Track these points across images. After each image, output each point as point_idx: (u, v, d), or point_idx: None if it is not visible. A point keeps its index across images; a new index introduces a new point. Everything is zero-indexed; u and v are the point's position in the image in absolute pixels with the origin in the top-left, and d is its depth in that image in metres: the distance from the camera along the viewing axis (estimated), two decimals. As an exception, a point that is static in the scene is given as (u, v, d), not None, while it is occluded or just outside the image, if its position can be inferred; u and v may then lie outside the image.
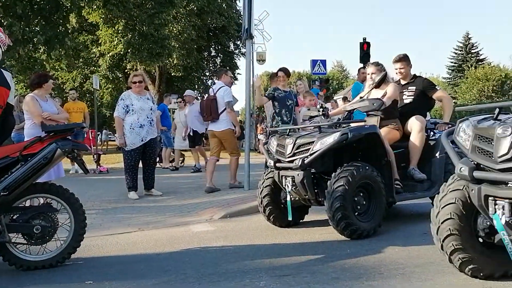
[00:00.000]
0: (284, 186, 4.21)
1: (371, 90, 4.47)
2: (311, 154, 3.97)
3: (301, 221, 4.62)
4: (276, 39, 57.91)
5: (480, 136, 2.37)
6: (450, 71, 34.96)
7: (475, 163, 2.35)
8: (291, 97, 6.55)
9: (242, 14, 7.21)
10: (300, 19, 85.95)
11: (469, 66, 30.32)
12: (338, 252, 3.47)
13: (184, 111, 10.11)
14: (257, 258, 3.41)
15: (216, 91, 6.66)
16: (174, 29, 20.34)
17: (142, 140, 6.26)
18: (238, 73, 27.44)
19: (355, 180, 3.78)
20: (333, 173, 3.85)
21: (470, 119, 2.54)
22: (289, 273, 2.99)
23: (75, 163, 5.11)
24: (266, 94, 6.53)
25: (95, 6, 16.80)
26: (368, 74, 4.69)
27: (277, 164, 4.27)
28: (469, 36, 35.60)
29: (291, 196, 4.18)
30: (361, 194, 3.91)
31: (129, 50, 18.47)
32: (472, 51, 35.20)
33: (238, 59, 27.43)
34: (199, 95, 31.79)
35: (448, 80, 35.77)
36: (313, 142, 4.02)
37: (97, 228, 4.56)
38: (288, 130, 4.50)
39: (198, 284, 2.87)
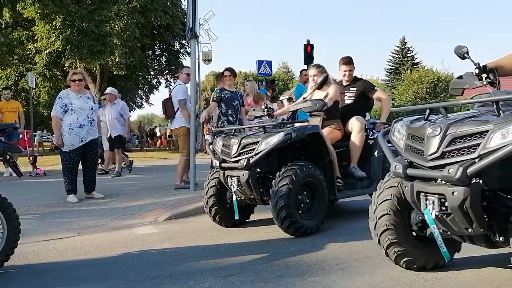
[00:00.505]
0: (229, 186, 4.22)
1: (313, 91, 4.60)
2: (256, 154, 4.02)
3: (246, 220, 4.66)
4: (222, 39, 57.98)
5: (412, 136, 2.50)
6: (388, 73, 36.70)
7: (409, 161, 2.49)
8: (237, 97, 6.57)
9: (186, 12, 7.13)
10: (246, 20, 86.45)
11: (405, 69, 31.99)
12: (282, 250, 3.54)
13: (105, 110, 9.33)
14: (202, 259, 3.40)
15: (172, 90, 6.71)
16: (116, 26, 19.68)
17: (82, 141, 6.02)
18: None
19: (299, 179, 3.87)
20: (278, 173, 3.92)
21: (404, 120, 2.69)
22: (234, 273, 3.00)
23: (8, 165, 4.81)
24: (214, 98, 6.50)
25: (30, 1, 15.90)
26: (310, 76, 4.82)
27: (223, 164, 4.27)
28: (405, 41, 37.55)
29: (237, 196, 4.20)
30: (305, 193, 4.01)
31: (67, 47, 17.65)
32: (408, 55, 37.14)
33: (184, 58, 27.10)
34: (144, 94, 31.12)
35: (386, 82, 37.58)
36: (258, 142, 4.07)
37: (33, 234, 4.33)
38: (234, 130, 4.52)
39: (142, 288, 2.81)
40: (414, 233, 2.76)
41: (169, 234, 4.34)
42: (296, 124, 4.41)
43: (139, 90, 29.82)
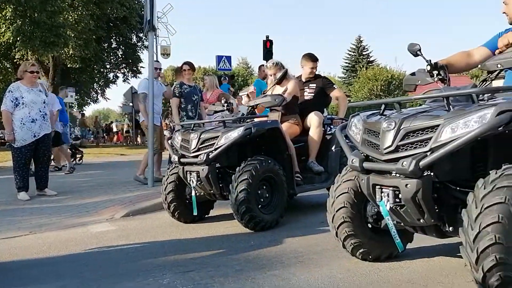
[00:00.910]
0: (189, 181, 4.18)
1: (273, 86, 4.62)
2: (216, 149, 4.00)
3: (206, 216, 4.63)
4: (181, 33, 57.05)
5: (368, 130, 2.57)
6: (345, 71, 37.53)
7: (365, 154, 2.55)
8: (196, 92, 6.50)
9: (144, 5, 6.97)
10: (206, 15, 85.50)
11: (361, 67, 32.82)
12: (242, 245, 3.55)
13: None
14: (160, 256, 3.34)
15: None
16: (70, 17, 18.93)
17: (34, 136, 5.77)
18: (142, 67, 26.49)
19: (258, 173, 3.88)
20: (238, 167, 3.92)
21: (360, 114, 2.75)
22: (193, 268, 2.98)
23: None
24: (176, 93, 6.40)
25: (-25, -11, 15.00)
26: (270, 75, 4.84)
27: (182, 160, 4.22)
28: (361, 39, 38.52)
29: (196, 191, 4.17)
30: (264, 187, 4.03)
31: (18, 38, 16.77)
32: (364, 53, 38.12)
33: (142, 52, 26.47)
34: (99, 89, 30.14)
35: (343, 79, 38.40)
36: (217, 137, 4.05)
37: (-20, 234, 4.11)
38: (193, 125, 4.47)
39: (97, 287, 2.73)
40: (369, 225, 2.84)
41: (126, 231, 4.24)
42: (256, 119, 4.42)
43: (94, 84, 28.86)
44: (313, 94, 5.03)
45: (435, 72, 2.64)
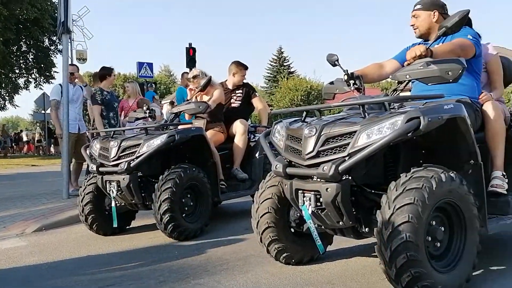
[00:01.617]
0: (108, 191, 3.99)
1: (197, 93, 4.59)
2: (137, 157, 3.87)
3: (127, 227, 4.44)
4: (99, 38, 54.56)
5: (291, 136, 2.65)
6: (267, 80, 38.46)
7: (288, 160, 2.62)
8: (115, 99, 6.26)
9: (57, 6, 6.56)
10: (126, 20, 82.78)
11: (282, 77, 33.87)
12: (166, 255, 3.45)
13: None
14: (77, 271, 3.14)
15: None
16: (-27, 16, 17.32)
17: None
18: (55, 71, 24.88)
19: (182, 181, 3.82)
20: (161, 176, 3.82)
21: (283, 121, 2.83)
22: (113, 282, 2.83)
23: None
24: (99, 101, 6.02)
25: None
26: (190, 87, 4.81)
27: (101, 169, 4.02)
28: (282, 50, 39.76)
29: (116, 202, 4.00)
30: (189, 196, 3.97)
31: None
32: (285, 64, 39.39)
33: (55, 56, 24.87)
34: (7, 95, 27.77)
35: (265, 89, 39.33)
36: (139, 144, 3.92)
37: None
38: (113, 132, 4.29)
39: (5, 308, 2.50)
40: (292, 230, 2.92)
41: (39, 246, 3.93)
42: (180, 126, 4.36)
43: (2, 90, 26.55)
44: (240, 102, 5.07)
45: (351, 82, 2.79)
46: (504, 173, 2.89)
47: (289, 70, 38.85)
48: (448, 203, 2.30)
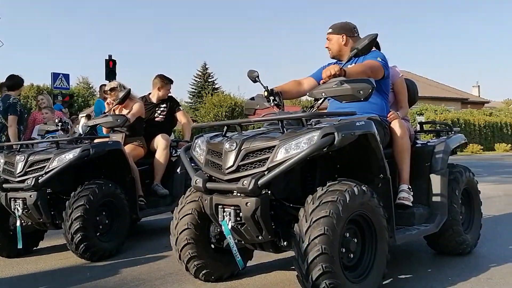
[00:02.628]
0: (13, 209, 3.67)
1: (115, 105, 4.41)
2: (47, 172, 3.61)
3: (35, 248, 4.10)
4: (12, 47, 50.59)
5: (212, 151, 2.63)
6: (191, 96, 38.25)
7: (208, 175, 2.59)
8: (24, 110, 5.80)
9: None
10: (40, 27, 77.69)
11: (207, 93, 33.91)
12: (76, 277, 3.22)
13: None
14: (-28, 299, 2.82)
15: None
16: None
17: None
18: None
19: (97, 198, 3.61)
20: (73, 192, 3.59)
21: (204, 136, 2.80)
22: (15, 310, 2.58)
23: None
24: (18, 111, 5.48)
25: None
26: (108, 100, 4.63)
27: (5, 185, 3.69)
28: (206, 67, 39.90)
29: (22, 221, 3.68)
30: (104, 213, 3.76)
31: None
32: (209, 80, 39.50)
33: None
34: None
35: (190, 104, 39.02)
36: (49, 159, 3.66)
37: None
38: (19, 146, 3.96)
39: None
40: (212, 246, 2.87)
41: None
42: (96, 140, 4.14)
43: None
44: (164, 116, 4.95)
45: (271, 98, 2.85)
46: (410, 186, 3.11)
47: (213, 86, 39.00)
48: (360, 215, 2.41)
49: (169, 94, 5.05)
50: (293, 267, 3.16)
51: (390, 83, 3.34)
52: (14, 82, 5.71)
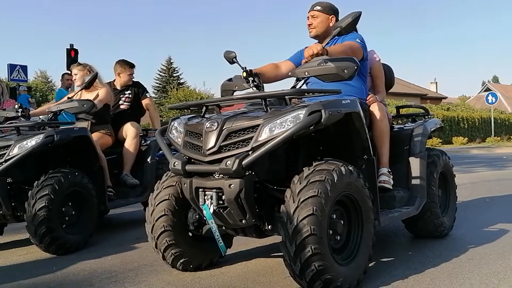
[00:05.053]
0: (-32, 202, 3.37)
1: (80, 91, 4.15)
2: (6, 160, 3.35)
3: (-8, 244, 3.81)
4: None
5: (190, 132, 2.49)
6: (156, 91, 37.37)
7: (187, 157, 2.45)
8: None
9: None
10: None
11: (172, 88, 33.24)
12: (41, 271, 2.98)
13: None
14: None
15: None
16: None
17: None
18: None
19: (63, 188, 3.38)
20: (36, 182, 3.34)
21: (181, 118, 2.66)
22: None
23: None
24: None
25: None
26: (74, 76, 4.38)
27: (-41, 175, 3.39)
28: (171, 61, 39.08)
29: (-22, 214, 3.39)
30: (70, 204, 3.53)
31: None
32: (174, 74, 38.71)
33: None
34: None
35: (155, 99, 38.01)
36: (9, 146, 3.40)
37: None
38: (-25, 133, 3.66)
39: None
40: (190, 233, 2.73)
41: None
42: (61, 127, 3.89)
43: None
44: (129, 104, 4.71)
45: (250, 79, 2.73)
46: (390, 170, 3.08)
47: (178, 81, 38.27)
48: (347, 196, 2.34)
49: (134, 80, 4.81)
50: (274, 254, 3.11)
51: (368, 67, 3.29)
52: None
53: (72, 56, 11.05)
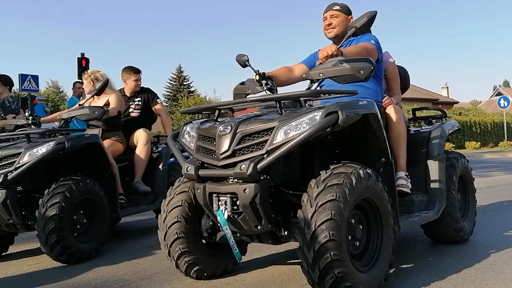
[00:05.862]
0: (-22, 211, 3.34)
1: (91, 97, 4.13)
2: (16, 168, 3.31)
3: (4, 254, 3.77)
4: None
5: (203, 136, 2.43)
6: (166, 99, 37.53)
7: (200, 162, 2.39)
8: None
9: None
10: (8, 28, 74.64)
11: (182, 96, 33.34)
12: (52, 281, 2.93)
13: None
14: None
15: None
16: None
17: None
18: None
19: (74, 196, 3.33)
20: (47, 190, 3.30)
21: (193, 122, 2.60)
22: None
23: None
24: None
25: None
26: (86, 82, 4.37)
27: (-31, 184, 3.36)
28: (181, 69, 39.27)
29: (-11, 223, 3.36)
30: (82, 212, 3.48)
31: None
32: (184, 83, 38.87)
33: None
34: None
35: (165, 107, 38.04)
36: (19, 153, 3.37)
37: None
38: (-15, 141, 3.64)
39: None
40: (204, 240, 2.66)
41: None
42: (72, 134, 3.86)
43: None
44: (139, 111, 4.68)
45: (263, 82, 2.67)
46: (407, 173, 2.99)
47: (189, 89, 38.40)
48: (366, 200, 2.26)
49: (142, 86, 4.77)
50: (290, 261, 3.03)
51: (383, 69, 3.22)
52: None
53: (83, 65, 11.12)
